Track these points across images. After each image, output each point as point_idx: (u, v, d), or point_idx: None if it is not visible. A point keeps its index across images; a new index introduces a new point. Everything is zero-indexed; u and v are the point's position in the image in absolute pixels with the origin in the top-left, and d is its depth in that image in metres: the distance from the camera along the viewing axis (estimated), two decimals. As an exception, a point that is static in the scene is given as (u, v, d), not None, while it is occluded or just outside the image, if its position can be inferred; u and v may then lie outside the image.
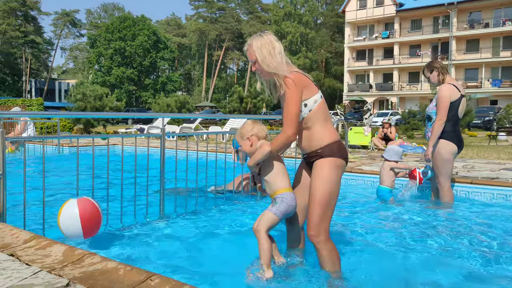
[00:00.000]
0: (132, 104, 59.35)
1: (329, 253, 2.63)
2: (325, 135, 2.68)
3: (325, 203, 2.63)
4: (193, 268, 2.82)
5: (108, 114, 14.87)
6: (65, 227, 3.17)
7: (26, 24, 63.54)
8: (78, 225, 3.18)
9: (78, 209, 3.20)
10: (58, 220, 3.20)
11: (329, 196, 2.64)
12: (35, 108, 23.70)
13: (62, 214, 3.19)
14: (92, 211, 3.26)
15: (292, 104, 2.59)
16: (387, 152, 5.35)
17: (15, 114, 10.07)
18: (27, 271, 2.11)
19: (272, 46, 2.68)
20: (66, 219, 3.17)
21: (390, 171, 5.21)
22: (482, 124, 25.74)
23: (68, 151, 10.57)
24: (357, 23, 48.71)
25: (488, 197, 5.27)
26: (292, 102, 2.59)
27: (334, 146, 2.68)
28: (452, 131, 4.66)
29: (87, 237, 3.27)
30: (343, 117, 21.18)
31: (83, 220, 3.17)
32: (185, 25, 74.86)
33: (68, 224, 3.17)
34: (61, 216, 3.19)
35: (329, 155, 2.66)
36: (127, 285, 1.94)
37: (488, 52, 40.56)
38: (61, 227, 3.18)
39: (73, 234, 3.21)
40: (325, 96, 2.83)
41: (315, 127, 2.68)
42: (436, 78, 4.76)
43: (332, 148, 2.67)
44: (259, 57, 2.68)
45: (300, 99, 2.62)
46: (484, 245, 3.45)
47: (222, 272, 2.74)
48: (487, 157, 9.25)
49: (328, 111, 2.77)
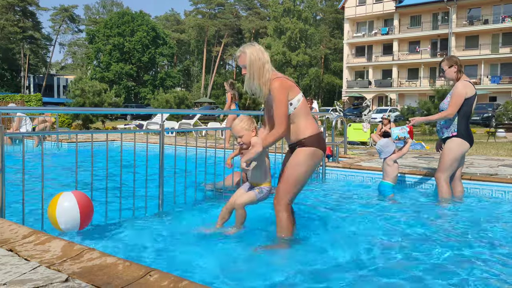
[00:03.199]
0: (131, 100, 59.24)
1: (280, 220, 3.19)
2: (308, 128, 3.17)
3: (292, 182, 3.18)
4: (193, 263, 2.82)
5: (107, 110, 14.85)
6: (64, 219, 3.21)
7: (25, 19, 63.32)
8: (77, 216, 3.26)
9: (76, 200, 3.28)
10: (53, 213, 3.23)
11: (296, 178, 3.18)
12: (33, 104, 23.63)
13: (60, 206, 3.22)
14: (87, 200, 3.40)
15: (281, 106, 3.06)
16: (380, 151, 5.28)
17: (13, 110, 10.05)
18: (26, 266, 2.11)
19: (262, 54, 3.15)
20: (65, 211, 3.21)
21: (394, 164, 5.17)
22: (481, 121, 25.76)
23: (67, 146, 10.57)
24: (357, 19, 48.61)
25: (486, 193, 5.28)
26: (281, 104, 3.06)
27: (314, 138, 3.18)
28: (466, 129, 4.68)
29: (82, 227, 3.35)
30: (342, 113, 21.18)
31: (81, 210, 3.27)
32: (184, 21, 74.61)
33: (67, 216, 3.22)
34: (58, 208, 3.22)
35: (309, 145, 3.16)
36: (126, 280, 1.95)
37: (487, 48, 40.53)
38: (59, 220, 3.21)
39: (71, 226, 3.27)
40: (324, 92, 2.98)
41: (299, 121, 3.17)
42: (454, 75, 4.73)
43: (313, 139, 3.17)
44: (250, 63, 3.12)
45: (287, 100, 3.09)
46: (484, 243, 3.45)
47: (221, 267, 2.75)
48: (486, 154, 9.26)
49: (308, 108, 3.26)
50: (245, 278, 2.62)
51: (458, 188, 4.95)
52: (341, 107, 22.76)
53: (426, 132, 17.05)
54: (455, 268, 2.86)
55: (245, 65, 3.16)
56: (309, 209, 4.61)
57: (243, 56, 3.17)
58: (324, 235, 3.65)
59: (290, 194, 3.21)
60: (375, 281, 2.63)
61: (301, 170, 3.17)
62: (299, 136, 3.18)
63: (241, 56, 3.18)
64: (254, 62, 3.12)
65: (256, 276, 2.64)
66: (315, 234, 3.65)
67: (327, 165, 6.66)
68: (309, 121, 3.19)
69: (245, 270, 2.79)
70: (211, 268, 2.74)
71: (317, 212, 4.44)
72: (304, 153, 3.15)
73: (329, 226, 3.92)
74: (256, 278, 2.61)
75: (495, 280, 2.67)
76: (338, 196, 5.37)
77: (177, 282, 1.90)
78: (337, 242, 3.41)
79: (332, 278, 2.64)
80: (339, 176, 6.58)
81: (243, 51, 3.17)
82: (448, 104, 4.70)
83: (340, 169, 6.63)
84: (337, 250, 3.19)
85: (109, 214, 3.87)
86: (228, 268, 2.77)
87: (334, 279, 2.62)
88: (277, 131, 3.06)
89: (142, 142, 8.50)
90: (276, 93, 3.06)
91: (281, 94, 3.06)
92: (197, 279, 2.51)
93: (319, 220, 4.14)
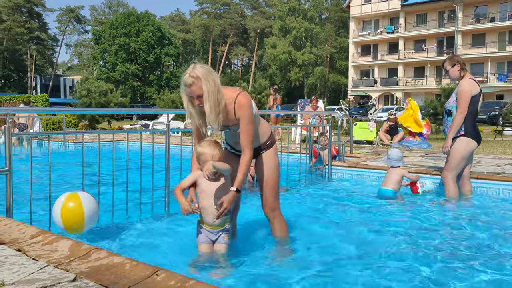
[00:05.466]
0: (136, 100, 59.36)
1: (279, 223, 3.12)
2: (267, 130, 3.08)
3: (276, 185, 3.10)
4: (199, 263, 2.83)
5: (113, 110, 14.91)
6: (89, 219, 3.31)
7: (31, 20, 63.62)
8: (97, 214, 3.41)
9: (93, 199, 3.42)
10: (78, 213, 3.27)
11: (277, 180, 3.12)
12: (40, 104, 23.76)
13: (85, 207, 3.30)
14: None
15: (251, 125, 2.76)
16: (390, 159, 5.24)
17: (21, 110, 10.10)
18: (34, 266, 2.13)
19: (215, 76, 2.64)
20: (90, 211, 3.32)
21: (398, 176, 5.14)
22: (487, 119, 25.57)
23: (73, 147, 10.62)
24: (362, 18, 48.45)
25: (494, 192, 5.25)
26: (251, 123, 2.76)
27: (272, 137, 3.13)
28: (473, 127, 4.65)
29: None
30: (347, 112, 21.13)
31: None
32: (189, 21, 74.68)
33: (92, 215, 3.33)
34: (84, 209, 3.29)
35: (273, 144, 3.09)
36: (133, 280, 1.95)
37: (494, 46, 40.24)
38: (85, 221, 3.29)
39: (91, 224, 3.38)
40: (329, 92, 2.93)
41: (260, 126, 3.00)
42: (457, 73, 4.73)
43: (273, 139, 3.12)
44: (209, 92, 2.59)
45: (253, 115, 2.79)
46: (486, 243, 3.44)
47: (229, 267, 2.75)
48: (493, 152, 9.20)
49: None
50: (255, 280, 2.62)
51: (466, 187, 4.93)
52: (346, 106, 22.71)
53: (432, 131, 16.95)
54: (464, 268, 2.84)
55: (199, 94, 2.61)
56: (314, 208, 4.61)
57: (197, 83, 2.58)
58: (332, 235, 3.64)
59: (278, 197, 3.13)
60: (376, 281, 2.63)
61: (278, 172, 3.12)
62: (263, 138, 3.02)
63: (195, 84, 2.59)
64: (211, 89, 2.59)
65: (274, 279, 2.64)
66: (323, 233, 3.65)
67: (333, 164, 6.64)
68: (265, 123, 3.11)
69: (253, 271, 2.79)
70: (217, 268, 2.74)
71: (323, 212, 4.44)
72: (274, 155, 3.08)
73: (334, 225, 3.91)
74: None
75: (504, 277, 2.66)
76: (345, 195, 5.36)
77: (184, 282, 1.90)
78: (347, 240, 3.41)
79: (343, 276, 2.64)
80: (345, 175, 6.57)
81: (195, 76, 2.58)
82: (454, 102, 4.68)
83: (346, 168, 6.62)
84: (347, 249, 3.19)
85: (116, 214, 3.89)
86: (236, 268, 2.77)
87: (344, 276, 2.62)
88: (248, 156, 2.76)
89: (148, 142, 8.52)
90: (245, 112, 2.72)
91: (250, 111, 2.75)
92: (204, 279, 2.51)
93: (325, 219, 4.13)
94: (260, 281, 2.56)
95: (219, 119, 2.69)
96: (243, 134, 2.74)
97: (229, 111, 2.74)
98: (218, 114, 2.67)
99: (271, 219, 3.13)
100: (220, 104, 2.66)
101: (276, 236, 3.15)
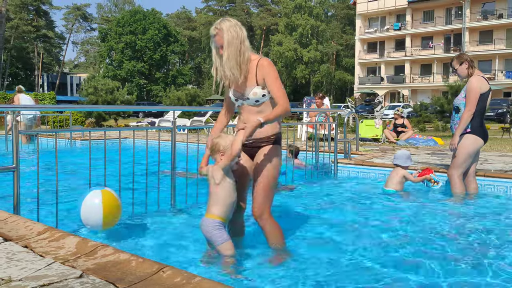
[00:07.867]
0: (143, 97, 59.53)
1: (270, 232, 2.82)
2: (277, 123, 2.81)
3: (271, 187, 2.80)
4: (205, 259, 2.83)
5: (119, 108, 14.94)
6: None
7: (38, 18, 63.96)
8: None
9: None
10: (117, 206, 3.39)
11: (273, 181, 2.81)
12: (47, 102, 23.90)
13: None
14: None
15: (279, 80, 2.73)
16: (399, 158, 5.23)
17: (28, 108, 10.17)
18: (41, 263, 2.14)
19: (240, 29, 2.73)
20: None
21: (399, 176, 5.14)
22: (495, 117, 25.39)
23: (80, 144, 10.67)
24: (368, 15, 48.24)
25: (501, 189, 5.21)
26: (278, 78, 2.73)
27: (280, 135, 2.88)
28: (480, 125, 4.62)
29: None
30: (354, 109, 21.05)
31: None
32: (195, 18, 74.71)
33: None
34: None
35: (278, 142, 2.84)
36: (139, 276, 1.96)
37: (501, 43, 39.91)
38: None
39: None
40: (336, 89, 2.87)
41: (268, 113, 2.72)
42: (466, 71, 4.69)
43: (280, 137, 2.87)
44: (228, 41, 2.69)
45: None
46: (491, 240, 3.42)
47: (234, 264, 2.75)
48: (501, 150, 9.14)
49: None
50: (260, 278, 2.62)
51: (472, 185, 4.90)
52: (353, 104, 22.61)
53: (439, 128, 16.87)
54: (470, 265, 2.83)
55: (222, 44, 2.72)
56: (318, 206, 4.60)
57: (220, 33, 2.71)
58: (340, 232, 3.64)
59: (271, 200, 2.85)
60: (378, 280, 2.62)
61: (276, 172, 2.82)
62: (270, 128, 2.78)
63: (217, 34, 2.72)
64: (232, 39, 2.69)
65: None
66: (325, 231, 3.64)
67: (339, 162, 6.63)
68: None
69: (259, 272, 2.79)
70: (222, 264, 2.74)
71: (330, 209, 4.43)
72: (276, 153, 2.81)
73: (342, 223, 3.91)
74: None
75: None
76: (350, 193, 5.35)
77: (189, 279, 1.91)
78: (355, 238, 3.40)
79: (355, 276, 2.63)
80: (351, 173, 6.55)
81: (219, 27, 2.72)
82: (462, 99, 4.66)
83: (352, 165, 6.60)
84: (355, 247, 3.18)
85: (122, 210, 3.89)
86: (240, 266, 2.77)
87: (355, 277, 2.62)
88: (284, 106, 2.67)
89: (154, 140, 8.53)
90: (271, 69, 2.72)
91: (275, 71, 2.75)
92: (210, 275, 2.52)
93: (332, 217, 4.13)
94: (267, 279, 2.56)
95: (242, 69, 2.73)
96: (274, 88, 2.72)
97: (250, 68, 2.78)
98: (239, 63, 2.72)
99: (261, 226, 2.83)
100: (243, 55, 2.72)
101: (271, 244, 2.86)
